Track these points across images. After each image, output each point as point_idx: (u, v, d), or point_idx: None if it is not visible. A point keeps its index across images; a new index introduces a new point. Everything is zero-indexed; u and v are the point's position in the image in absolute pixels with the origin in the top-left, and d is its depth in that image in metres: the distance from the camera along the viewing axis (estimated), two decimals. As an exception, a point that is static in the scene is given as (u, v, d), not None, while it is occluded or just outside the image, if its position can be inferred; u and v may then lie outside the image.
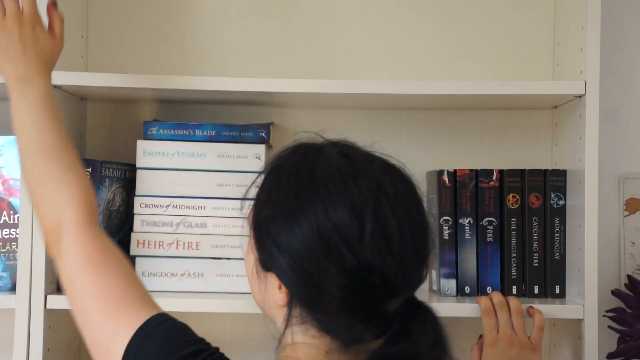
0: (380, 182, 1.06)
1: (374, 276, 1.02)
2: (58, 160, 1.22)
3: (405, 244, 1.04)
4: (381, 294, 1.03)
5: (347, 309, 1.03)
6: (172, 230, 1.62)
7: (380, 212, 1.03)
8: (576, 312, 1.56)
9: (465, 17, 1.80)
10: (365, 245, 1.02)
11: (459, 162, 1.74)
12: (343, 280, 1.02)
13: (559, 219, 1.64)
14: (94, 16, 1.79)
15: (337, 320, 1.04)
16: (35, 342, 1.52)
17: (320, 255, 1.02)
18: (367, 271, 1.02)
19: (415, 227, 1.06)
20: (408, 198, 1.08)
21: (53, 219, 1.18)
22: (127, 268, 1.16)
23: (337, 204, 1.03)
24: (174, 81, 1.58)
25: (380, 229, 1.03)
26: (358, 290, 1.02)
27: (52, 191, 1.20)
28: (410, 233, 1.05)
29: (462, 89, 1.59)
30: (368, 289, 1.02)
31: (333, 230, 1.02)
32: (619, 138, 1.81)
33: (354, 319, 1.04)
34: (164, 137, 1.63)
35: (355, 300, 1.03)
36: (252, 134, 1.64)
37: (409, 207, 1.07)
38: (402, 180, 1.10)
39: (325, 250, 1.02)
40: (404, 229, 1.04)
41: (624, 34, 1.81)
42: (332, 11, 1.80)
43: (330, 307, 1.04)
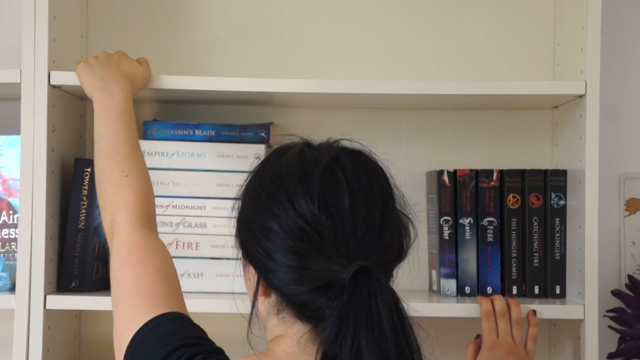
0: (337, 156, 1.10)
1: (324, 239, 1.03)
2: (121, 166, 1.34)
3: (358, 212, 1.05)
4: (334, 258, 1.03)
5: (303, 277, 1.04)
6: (171, 230, 1.62)
7: (333, 178, 1.07)
8: (576, 312, 1.56)
9: (465, 17, 1.80)
10: (314, 207, 1.04)
11: (459, 162, 1.74)
12: (293, 244, 1.04)
13: (559, 219, 1.64)
14: (94, 16, 1.79)
15: (297, 292, 1.04)
16: (35, 342, 1.52)
17: (270, 217, 1.06)
18: (317, 233, 1.03)
19: (373, 199, 1.08)
20: (368, 173, 1.10)
21: (109, 218, 1.29)
22: (165, 268, 1.23)
23: (297, 193, 1.06)
24: (174, 81, 1.58)
25: (331, 190, 1.06)
26: (309, 253, 1.03)
27: (110, 194, 1.32)
28: (365, 203, 1.06)
29: (462, 89, 1.59)
30: (318, 251, 1.03)
31: (297, 216, 1.05)
32: (619, 138, 1.81)
33: (317, 291, 1.03)
34: (164, 137, 1.63)
35: (308, 265, 1.03)
36: (252, 134, 1.64)
37: (369, 180, 1.09)
38: (364, 159, 1.13)
39: (273, 215, 1.06)
40: (357, 198, 1.06)
41: (624, 34, 1.81)
42: (332, 11, 1.80)
43: (287, 275, 1.05)
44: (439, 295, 1.66)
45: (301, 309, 1.06)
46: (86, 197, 1.59)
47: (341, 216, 1.05)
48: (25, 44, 1.54)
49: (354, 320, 1.00)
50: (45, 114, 1.54)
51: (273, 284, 1.07)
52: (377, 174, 1.12)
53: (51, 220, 1.56)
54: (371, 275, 1.02)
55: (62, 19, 1.61)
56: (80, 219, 1.59)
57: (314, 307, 1.04)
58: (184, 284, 1.61)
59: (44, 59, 1.54)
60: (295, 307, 1.07)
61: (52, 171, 1.57)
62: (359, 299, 1.01)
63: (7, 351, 1.60)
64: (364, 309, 1.00)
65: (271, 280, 1.07)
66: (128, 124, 1.40)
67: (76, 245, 1.59)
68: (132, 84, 1.48)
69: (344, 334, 1.00)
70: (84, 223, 1.59)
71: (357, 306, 1.00)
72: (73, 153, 1.69)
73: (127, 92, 1.45)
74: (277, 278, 1.06)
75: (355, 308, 1.00)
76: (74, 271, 1.59)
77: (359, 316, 1.00)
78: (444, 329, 1.76)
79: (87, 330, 1.77)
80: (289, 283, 1.05)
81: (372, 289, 1.01)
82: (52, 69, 1.55)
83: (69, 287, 1.59)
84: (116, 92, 1.43)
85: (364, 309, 1.00)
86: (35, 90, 1.54)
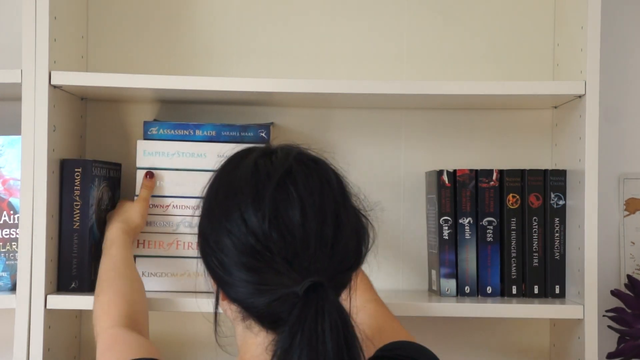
0: (290, 169, 1.09)
1: (275, 256, 1.04)
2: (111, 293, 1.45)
3: (309, 228, 1.05)
4: (286, 274, 1.03)
5: (259, 291, 1.04)
6: (172, 230, 1.62)
7: (284, 193, 1.06)
8: (576, 312, 1.56)
9: (465, 17, 1.80)
10: (264, 224, 1.04)
11: (459, 162, 1.74)
12: (245, 261, 1.05)
13: (559, 219, 1.64)
14: (94, 16, 1.79)
15: (255, 304, 1.05)
16: (35, 342, 1.52)
17: (224, 232, 1.07)
18: (268, 250, 1.04)
19: (325, 213, 1.07)
20: (321, 185, 1.09)
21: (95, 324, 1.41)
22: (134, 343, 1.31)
23: (248, 209, 1.06)
24: (174, 81, 1.58)
25: (282, 206, 1.05)
26: (261, 269, 1.04)
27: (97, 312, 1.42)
28: (317, 218, 1.06)
29: (462, 89, 1.59)
30: (270, 268, 1.04)
31: (248, 233, 1.06)
32: (619, 138, 1.81)
33: (274, 304, 1.04)
34: (164, 137, 1.63)
35: (262, 280, 1.04)
36: (252, 134, 1.64)
37: (321, 192, 1.08)
38: (318, 170, 1.11)
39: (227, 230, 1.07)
40: (308, 214, 1.06)
41: (624, 34, 1.81)
42: (332, 11, 1.80)
43: (243, 288, 1.05)
44: (439, 295, 1.66)
45: (262, 320, 1.07)
46: (78, 197, 1.59)
47: (292, 232, 1.05)
48: (25, 44, 1.54)
49: (300, 338, 1.00)
50: (46, 114, 1.54)
51: (231, 296, 1.08)
52: (331, 184, 1.11)
53: (52, 220, 1.56)
54: (320, 292, 1.02)
55: (62, 19, 1.61)
56: (75, 220, 1.59)
57: (274, 319, 1.05)
58: (183, 284, 1.62)
59: (44, 59, 1.54)
60: (256, 317, 1.08)
61: (53, 171, 1.57)
62: (307, 316, 1.01)
63: (8, 351, 1.60)
64: (309, 326, 1.00)
65: (229, 293, 1.08)
66: (128, 270, 1.51)
67: (73, 246, 1.59)
68: (129, 235, 1.57)
69: (294, 350, 1.00)
70: (79, 223, 1.59)
71: (304, 323, 1.01)
72: (73, 153, 1.70)
73: (126, 243, 1.55)
74: (234, 291, 1.07)
75: (302, 325, 1.01)
76: (72, 272, 1.59)
77: (304, 333, 1.00)
78: (444, 329, 1.76)
79: (88, 330, 1.77)
80: (246, 296, 1.06)
81: (319, 307, 1.01)
82: (53, 69, 1.56)
83: (68, 288, 1.59)
84: (119, 245, 1.54)
85: (309, 327, 1.00)
86: (35, 90, 1.54)
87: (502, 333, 1.79)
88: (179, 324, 1.78)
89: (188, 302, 1.56)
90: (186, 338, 1.78)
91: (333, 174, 1.12)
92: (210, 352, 1.75)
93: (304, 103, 1.76)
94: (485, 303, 1.60)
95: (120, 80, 1.58)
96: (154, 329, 1.76)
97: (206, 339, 1.77)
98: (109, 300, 1.41)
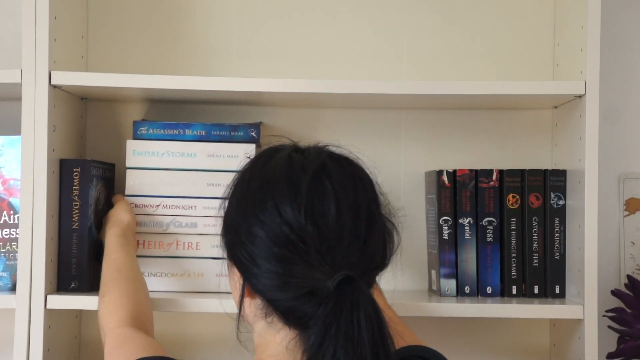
0: (325, 163, 1.09)
1: (310, 248, 1.04)
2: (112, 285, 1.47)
3: (343, 222, 1.05)
4: (318, 267, 1.03)
5: (287, 284, 1.04)
6: (162, 230, 1.62)
7: (319, 186, 1.07)
8: (576, 312, 1.56)
9: (465, 17, 1.80)
10: (300, 215, 1.04)
11: (459, 162, 1.74)
12: (278, 251, 1.04)
13: (559, 219, 1.64)
14: (94, 16, 1.79)
15: (281, 298, 1.05)
16: (35, 342, 1.52)
17: (256, 223, 1.06)
18: (302, 242, 1.04)
19: (359, 208, 1.08)
20: (355, 181, 1.10)
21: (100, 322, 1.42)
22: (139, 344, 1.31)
23: (283, 200, 1.06)
24: (164, 81, 1.58)
25: (317, 199, 1.06)
26: (293, 260, 1.04)
27: (103, 313, 1.43)
28: (351, 213, 1.06)
29: (462, 89, 1.59)
30: (303, 260, 1.04)
31: (283, 223, 1.05)
32: (619, 138, 1.81)
33: (301, 298, 1.03)
34: (154, 136, 1.63)
35: (291, 272, 1.04)
36: (243, 133, 1.64)
37: (355, 188, 1.09)
38: (350, 167, 1.12)
39: (260, 221, 1.06)
40: (343, 207, 1.06)
41: (624, 34, 1.81)
42: (332, 11, 1.80)
43: (270, 280, 1.05)
44: (439, 295, 1.66)
45: (286, 315, 1.06)
46: (77, 197, 1.59)
47: (327, 225, 1.05)
48: (25, 44, 1.54)
49: (336, 330, 1.00)
50: (46, 114, 1.54)
51: (257, 288, 1.08)
52: (364, 181, 1.12)
53: (52, 220, 1.56)
54: (354, 285, 1.02)
55: (62, 19, 1.61)
56: (74, 219, 1.59)
57: (299, 314, 1.04)
58: (184, 284, 1.62)
59: (44, 59, 1.54)
60: (280, 312, 1.07)
61: (53, 171, 1.57)
62: (342, 309, 1.01)
63: (8, 351, 1.60)
64: (345, 319, 1.00)
65: (255, 285, 1.08)
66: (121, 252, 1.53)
67: (72, 246, 1.59)
68: (118, 226, 1.58)
69: (327, 344, 1.00)
70: (78, 223, 1.59)
71: (339, 316, 1.00)
72: (73, 153, 1.70)
73: (116, 236, 1.56)
74: (261, 283, 1.06)
75: (337, 318, 1.00)
76: (72, 272, 1.59)
77: (340, 326, 1.00)
78: (444, 329, 1.76)
79: (88, 330, 1.77)
80: (273, 289, 1.05)
81: (354, 300, 1.01)
82: (53, 69, 1.56)
83: (68, 288, 1.59)
84: (109, 236, 1.57)
85: (345, 320, 1.00)
86: (35, 90, 1.54)
87: (502, 333, 1.79)
88: (179, 324, 1.78)
89: (188, 302, 1.56)
90: (186, 338, 1.78)
91: (365, 173, 1.14)
92: (211, 352, 1.75)
93: (298, 103, 1.76)
94: (485, 303, 1.60)
95: (120, 80, 1.58)
96: (154, 329, 1.76)
97: (206, 339, 1.77)
98: (114, 301, 1.42)
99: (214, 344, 1.75)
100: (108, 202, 1.68)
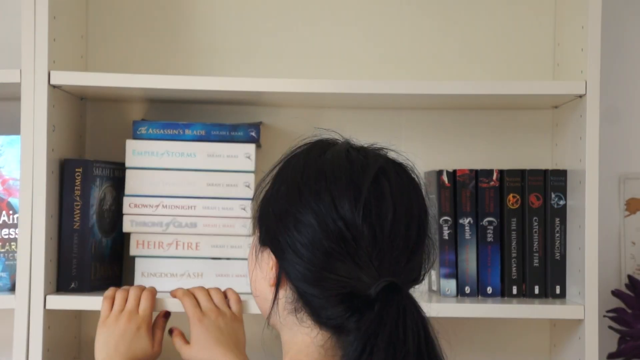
0: (384, 167, 1.08)
1: (360, 249, 1.03)
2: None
3: (397, 228, 1.05)
4: (365, 270, 1.02)
5: (323, 278, 1.03)
6: (161, 230, 1.62)
7: (379, 189, 1.06)
8: (576, 312, 1.56)
9: (465, 17, 1.80)
10: (357, 215, 1.03)
11: (459, 162, 1.74)
12: (327, 244, 1.03)
13: (559, 219, 1.64)
14: (94, 16, 1.79)
15: (311, 292, 1.04)
16: (35, 342, 1.52)
17: (309, 212, 1.05)
18: (355, 241, 1.03)
19: (412, 217, 1.07)
20: (410, 189, 1.10)
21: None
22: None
23: (342, 196, 1.05)
24: (164, 81, 1.58)
25: (375, 202, 1.05)
26: (340, 257, 1.02)
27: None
28: (404, 220, 1.06)
29: (462, 89, 1.59)
30: (351, 259, 1.02)
31: (338, 218, 1.04)
32: (619, 138, 1.81)
33: (337, 297, 1.03)
34: (154, 136, 1.63)
35: (334, 268, 1.02)
36: (242, 133, 1.64)
37: (410, 197, 1.08)
38: (407, 174, 1.12)
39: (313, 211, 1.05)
40: (398, 214, 1.05)
41: (624, 34, 1.81)
42: (332, 11, 1.80)
43: (307, 271, 1.04)
44: (439, 295, 1.66)
45: (317, 313, 1.05)
46: (79, 197, 1.59)
47: (382, 229, 1.04)
48: (25, 44, 1.54)
49: (381, 338, 0.98)
50: (45, 114, 1.54)
51: (293, 277, 1.06)
52: (418, 191, 1.11)
53: (51, 220, 1.56)
54: (401, 293, 1.01)
55: (62, 19, 1.61)
56: (75, 219, 1.59)
57: (331, 315, 1.03)
58: (184, 284, 1.62)
59: (44, 59, 1.54)
60: (311, 308, 1.05)
61: (52, 171, 1.57)
62: (388, 317, 1.00)
63: (7, 351, 1.60)
64: (390, 327, 0.99)
65: (292, 274, 1.06)
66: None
67: (73, 246, 1.59)
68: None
69: (370, 351, 0.98)
70: (79, 223, 1.59)
71: (385, 324, 0.99)
72: (73, 153, 1.70)
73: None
74: (298, 272, 1.05)
75: (383, 325, 0.99)
76: (72, 272, 1.59)
77: (385, 334, 0.99)
78: (444, 329, 1.75)
79: (87, 330, 1.77)
80: (309, 280, 1.04)
81: (401, 308, 1.00)
82: (52, 69, 1.55)
83: (68, 288, 1.59)
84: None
85: (391, 328, 0.99)
86: (35, 90, 1.54)
87: (502, 333, 1.79)
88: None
89: (188, 302, 1.56)
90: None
91: (419, 183, 1.13)
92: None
93: (298, 103, 1.76)
94: (486, 303, 1.60)
95: (119, 80, 1.58)
96: (153, 329, 1.76)
97: (206, 339, 1.77)
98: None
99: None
100: (116, 202, 1.67)
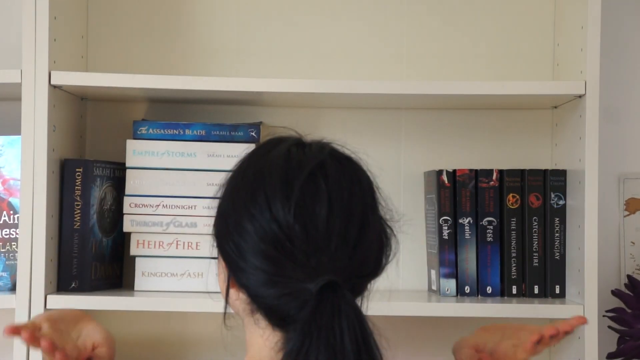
0: (324, 163, 1.06)
1: (296, 248, 1.01)
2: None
3: (333, 225, 1.03)
4: (302, 268, 1.01)
5: (272, 282, 1.02)
6: (161, 230, 1.62)
7: (314, 186, 1.04)
8: (576, 312, 1.56)
9: (465, 17, 1.80)
10: (289, 214, 1.02)
11: (459, 162, 1.74)
12: (264, 248, 1.02)
13: (559, 219, 1.64)
14: (94, 16, 1.79)
15: (265, 294, 1.03)
16: (35, 342, 1.52)
17: (246, 216, 1.04)
18: (289, 241, 1.02)
19: (352, 212, 1.04)
20: (352, 184, 1.07)
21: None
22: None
23: (275, 196, 1.03)
24: (164, 81, 1.58)
25: (310, 199, 1.03)
26: (279, 259, 1.01)
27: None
28: (342, 216, 1.04)
29: (462, 89, 1.59)
30: (288, 259, 1.01)
31: (272, 220, 1.03)
32: (619, 138, 1.81)
33: (283, 299, 1.02)
34: (154, 136, 1.63)
35: (277, 271, 1.01)
36: (243, 133, 1.64)
37: (351, 192, 1.06)
38: (351, 167, 1.09)
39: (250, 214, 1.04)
40: (335, 209, 1.03)
41: (624, 34, 1.81)
42: (332, 11, 1.80)
43: (256, 276, 1.03)
44: (439, 295, 1.66)
45: (270, 314, 1.05)
46: (79, 197, 1.59)
47: (316, 227, 1.02)
48: (25, 44, 1.55)
49: (316, 337, 0.98)
50: (46, 114, 1.54)
51: (242, 283, 1.05)
52: (362, 184, 1.08)
53: (52, 220, 1.56)
54: (337, 291, 1.00)
55: (62, 19, 1.61)
56: (75, 219, 1.59)
57: (282, 315, 1.03)
58: (184, 284, 1.62)
59: (44, 59, 1.54)
60: (264, 310, 1.05)
61: (53, 171, 1.57)
62: (322, 315, 0.98)
63: (8, 351, 1.60)
64: (326, 325, 0.98)
65: (240, 279, 1.05)
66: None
67: (73, 246, 1.59)
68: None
69: (306, 349, 0.98)
70: (80, 223, 1.59)
71: (319, 322, 0.98)
72: (73, 153, 1.70)
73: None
74: (246, 278, 1.04)
75: (317, 324, 0.98)
76: (73, 272, 1.59)
77: (320, 333, 0.98)
78: (443, 329, 1.76)
79: (88, 330, 1.77)
80: (258, 285, 1.03)
81: (335, 306, 0.99)
82: (53, 69, 1.56)
83: (68, 288, 1.59)
84: None
85: (326, 326, 0.98)
86: (35, 90, 1.54)
87: (502, 333, 1.79)
88: (179, 324, 1.78)
89: (188, 302, 1.56)
90: (186, 338, 1.78)
91: (365, 175, 1.10)
92: (211, 352, 1.75)
93: (298, 103, 1.76)
94: (485, 303, 1.60)
95: (120, 80, 1.58)
96: (154, 328, 1.76)
97: (206, 339, 1.77)
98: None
99: (214, 344, 1.75)
100: (117, 202, 1.67)
